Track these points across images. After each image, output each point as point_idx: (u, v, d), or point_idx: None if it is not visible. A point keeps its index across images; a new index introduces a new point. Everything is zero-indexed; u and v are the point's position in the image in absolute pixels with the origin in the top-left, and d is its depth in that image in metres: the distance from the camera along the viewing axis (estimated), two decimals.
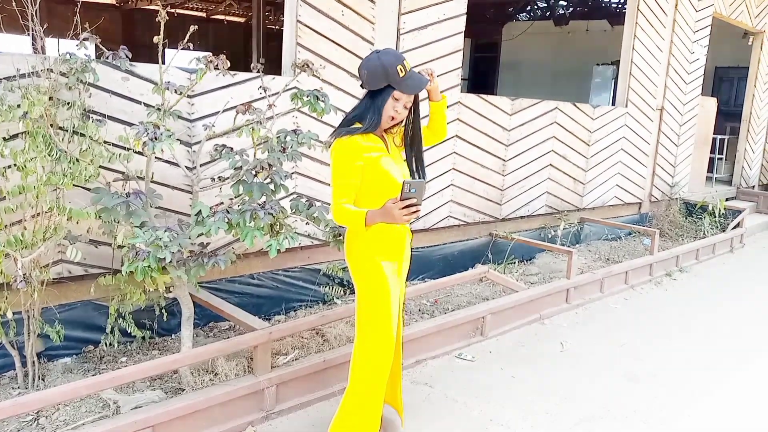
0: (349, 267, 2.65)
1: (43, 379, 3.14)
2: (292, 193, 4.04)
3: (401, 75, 2.43)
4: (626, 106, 7.23)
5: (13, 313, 2.88)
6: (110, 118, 3.26)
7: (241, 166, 2.99)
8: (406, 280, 2.83)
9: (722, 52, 11.01)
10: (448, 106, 2.92)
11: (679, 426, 3.30)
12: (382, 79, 2.43)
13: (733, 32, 9.99)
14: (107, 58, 2.93)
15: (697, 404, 3.55)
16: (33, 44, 3.04)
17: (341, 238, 3.20)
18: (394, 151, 2.64)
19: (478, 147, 5.48)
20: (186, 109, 3.57)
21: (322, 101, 3.21)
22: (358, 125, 2.48)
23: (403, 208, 2.33)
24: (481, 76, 14.13)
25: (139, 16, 12.94)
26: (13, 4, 2.80)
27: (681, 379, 3.86)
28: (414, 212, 2.36)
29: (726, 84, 11.81)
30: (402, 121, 2.63)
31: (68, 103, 2.96)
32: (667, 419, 3.36)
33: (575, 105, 6.50)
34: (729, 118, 10.98)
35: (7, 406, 2.42)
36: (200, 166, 3.33)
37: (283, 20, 4.11)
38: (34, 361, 3.07)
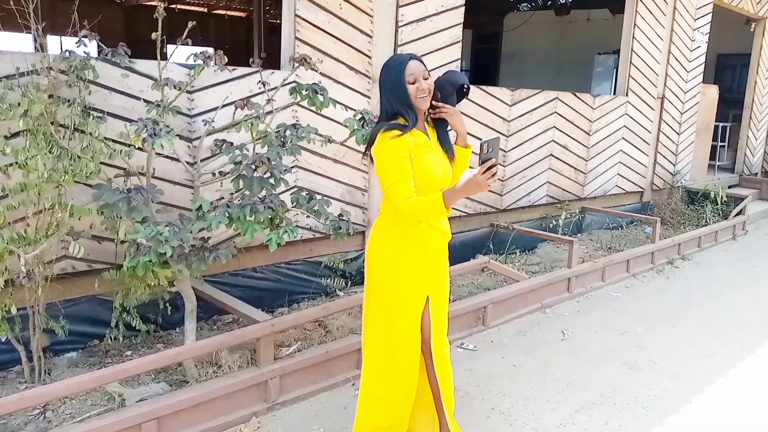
0: (368, 266, 2.55)
1: (49, 374, 3.18)
2: (292, 187, 4.05)
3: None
4: (627, 94, 7.21)
5: (18, 309, 2.91)
6: (110, 114, 3.28)
7: (241, 161, 3.02)
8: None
9: (724, 40, 10.93)
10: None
11: (680, 413, 3.32)
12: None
13: (735, 19, 9.93)
14: (107, 55, 2.94)
15: (699, 391, 3.57)
16: (35, 42, 3.05)
17: (341, 230, 3.23)
18: (437, 146, 2.51)
19: (478, 138, 5.47)
20: (186, 104, 3.59)
21: (321, 95, 3.22)
22: (402, 122, 2.37)
23: (485, 171, 2.16)
24: (483, 68, 14.06)
25: (141, 12, 12.95)
26: (11, 2, 2.79)
27: (682, 367, 3.88)
28: (494, 173, 2.18)
29: (728, 71, 11.75)
30: (430, 95, 2.43)
31: (68, 101, 2.99)
32: (668, 406, 3.38)
33: (575, 95, 6.49)
34: (731, 105, 10.93)
35: (15, 399, 2.46)
36: (201, 161, 3.35)
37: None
38: (39, 356, 3.11)
